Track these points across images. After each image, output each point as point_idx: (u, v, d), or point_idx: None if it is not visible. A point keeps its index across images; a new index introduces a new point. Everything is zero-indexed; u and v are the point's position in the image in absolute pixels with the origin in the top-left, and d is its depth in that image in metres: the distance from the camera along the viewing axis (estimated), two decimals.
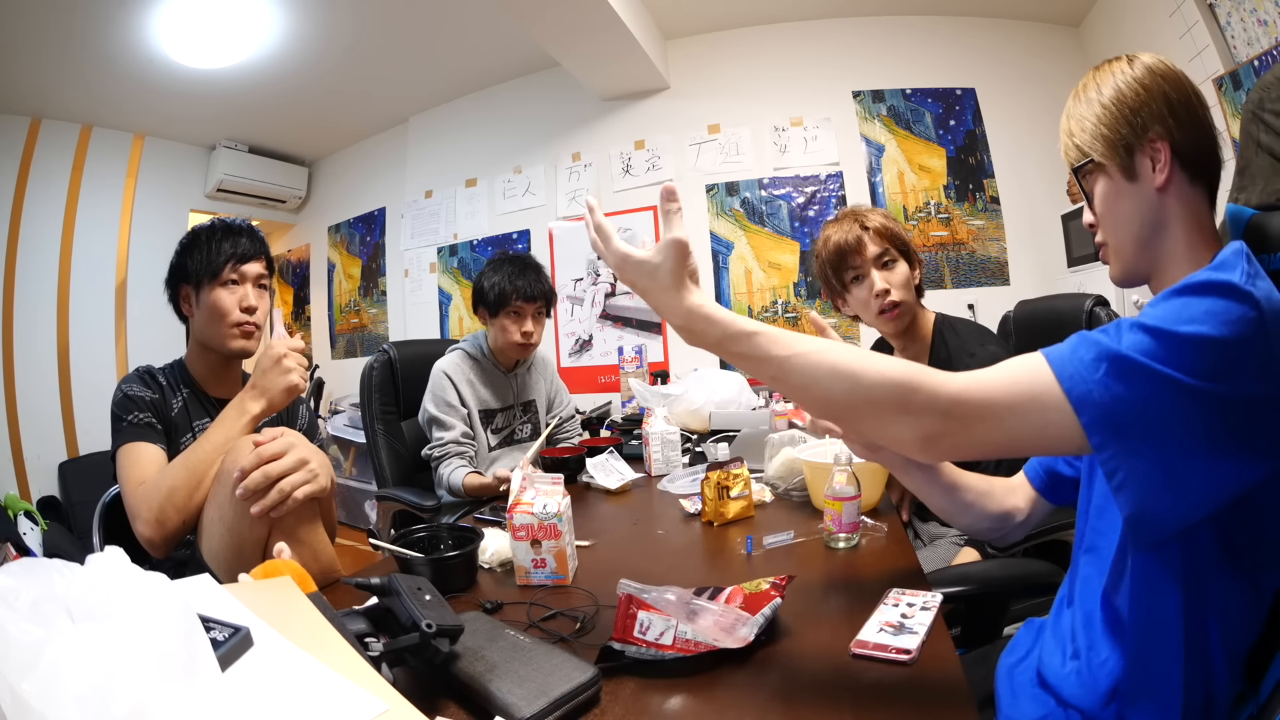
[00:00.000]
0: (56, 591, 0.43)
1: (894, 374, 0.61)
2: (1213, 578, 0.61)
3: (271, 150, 4.61)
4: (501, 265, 1.88)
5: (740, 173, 3.46)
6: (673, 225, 0.66)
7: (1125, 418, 0.54)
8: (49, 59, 3.12)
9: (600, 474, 1.59)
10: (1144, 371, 0.54)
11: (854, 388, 0.61)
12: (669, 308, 0.67)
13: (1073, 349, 0.58)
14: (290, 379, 1.11)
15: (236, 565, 0.92)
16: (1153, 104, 0.68)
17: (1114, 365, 0.55)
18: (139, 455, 1.13)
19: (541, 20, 2.84)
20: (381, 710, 0.47)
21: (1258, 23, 2.30)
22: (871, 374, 0.61)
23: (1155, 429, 0.54)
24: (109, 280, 3.95)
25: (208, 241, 1.22)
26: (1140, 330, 0.56)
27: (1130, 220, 0.71)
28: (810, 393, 0.64)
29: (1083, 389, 0.55)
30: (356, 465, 4.11)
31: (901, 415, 0.60)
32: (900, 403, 0.60)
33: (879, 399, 0.61)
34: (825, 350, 0.63)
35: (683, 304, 0.66)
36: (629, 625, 0.70)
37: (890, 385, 0.60)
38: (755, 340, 0.63)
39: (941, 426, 0.59)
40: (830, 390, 0.62)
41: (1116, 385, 0.54)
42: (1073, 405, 0.55)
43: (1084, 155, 0.72)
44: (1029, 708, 0.77)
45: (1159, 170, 0.68)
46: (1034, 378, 0.58)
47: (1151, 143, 0.68)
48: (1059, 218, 2.99)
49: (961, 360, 1.34)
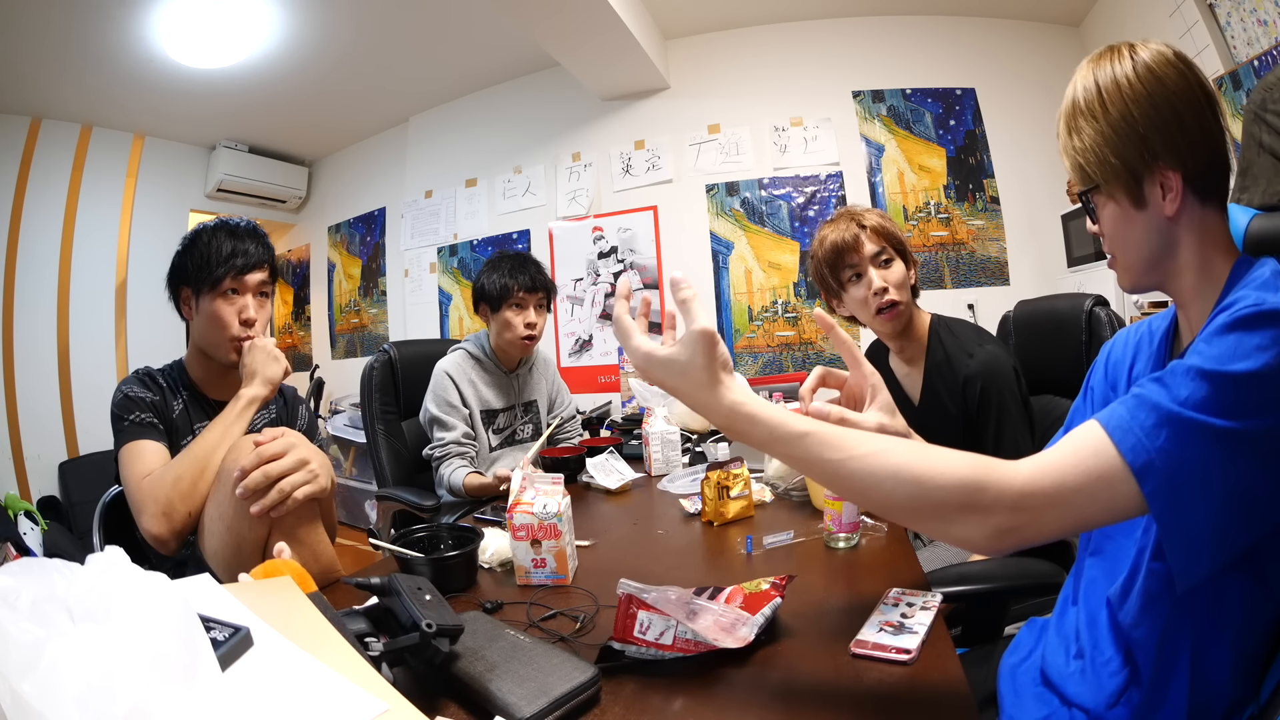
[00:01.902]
0: (56, 591, 0.43)
1: (960, 474, 0.58)
2: (1230, 591, 0.61)
3: (271, 150, 4.61)
4: (500, 263, 1.89)
5: (740, 173, 3.46)
6: (692, 314, 0.63)
7: (1185, 479, 0.53)
8: (49, 59, 3.12)
9: (600, 474, 1.59)
10: (1204, 430, 0.53)
11: (918, 492, 0.58)
12: (707, 407, 0.64)
13: (1131, 414, 0.56)
14: (282, 364, 1.19)
15: (236, 565, 0.92)
16: (1164, 130, 0.64)
17: (1174, 430, 0.54)
18: (142, 451, 1.13)
19: (541, 20, 2.84)
20: (381, 710, 0.47)
21: (1258, 23, 2.30)
22: (936, 476, 0.58)
23: (1213, 485, 0.53)
24: (109, 280, 3.95)
25: (209, 245, 1.19)
26: (1198, 378, 0.54)
27: (1140, 245, 0.69)
28: (869, 497, 0.61)
29: (1145, 459, 0.54)
30: (356, 465, 4.11)
31: (969, 516, 0.57)
32: (968, 504, 0.57)
33: (945, 501, 0.58)
34: (883, 452, 0.60)
35: (723, 404, 0.62)
36: (629, 625, 0.70)
37: (957, 487, 0.57)
38: (805, 442, 0.61)
39: (1011, 521, 0.57)
40: (892, 495, 0.59)
41: (1177, 450, 0.53)
42: (1135, 476, 0.54)
43: (1088, 179, 0.69)
44: (1032, 707, 0.76)
45: (1169, 200, 0.66)
46: (1098, 454, 0.56)
47: (1162, 171, 0.65)
48: (1059, 218, 2.99)
49: (961, 360, 1.34)
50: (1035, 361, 1.50)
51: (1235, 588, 0.61)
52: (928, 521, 0.60)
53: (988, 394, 1.30)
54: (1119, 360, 0.82)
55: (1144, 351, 0.78)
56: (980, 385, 1.31)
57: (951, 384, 1.35)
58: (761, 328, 3.42)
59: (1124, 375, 0.80)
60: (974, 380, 1.31)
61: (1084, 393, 0.88)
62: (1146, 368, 0.76)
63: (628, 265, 3.61)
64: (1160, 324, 0.78)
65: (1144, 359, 0.78)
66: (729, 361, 0.64)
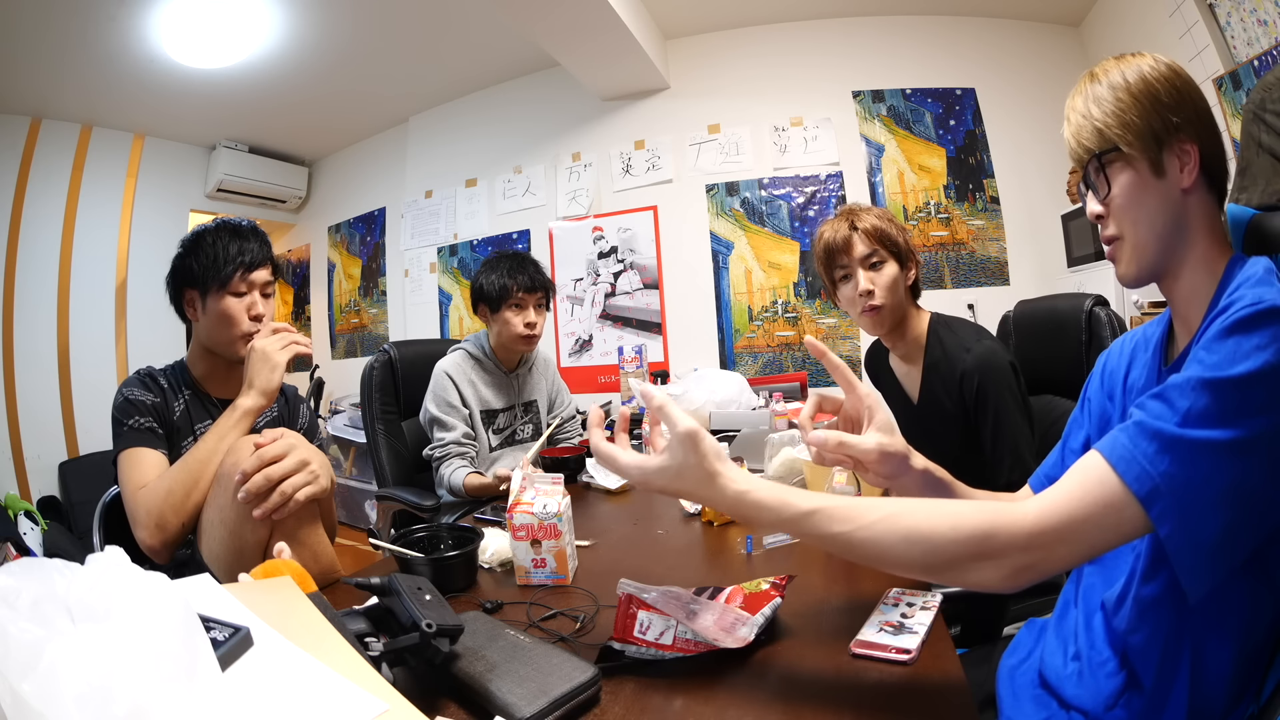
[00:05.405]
0: (56, 591, 0.43)
1: (969, 526, 0.59)
2: (1234, 588, 0.61)
3: (271, 150, 4.61)
4: (498, 263, 1.90)
5: (740, 173, 3.46)
6: (671, 419, 0.65)
7: (1191, 499, 0.54)
8: (49, 59, 3.12)
9: (600, 474, 1.59)
10: (1207, 446, 0.54)
11: (931, 551, 0.60)
12: (712, 501, 0.65)
13: (1133, 442, 0.57)
14: (280, 372, 1.15)
15: (237, 567, 0.92)
16: (1186, 106, 0.67)
17: (1177, 454, 0.54)
18: (139, 461, 1.13)
19: (541, 20, 2.84)
20: (381, 710, 0.47)
21: (1258, 23, 2.30)
22: (946, 532, 0.59)
23: (1219, 497, 0.54)
24: (109, 280, 3.95)
25: (214, 245, 1.20)
26: (1199, 389, 0.55)
27: (1156, 217, 0.68)
28: (884, 562, 0.62)
29: (1150, 486, 0.55)
30: (356, 465, 4.11)
31: (984, 563, 0.59)
32: (981, 552, 0.58)
33: (958, 555, 0.59)
34: (890, 517, 0.61)
35: (727, 496, 0.64)
36: (629, 625, 0.70)
37: (968, 539, 0.59)
38: (814, 520, 0.62)
39: (1025, 560, 0.58)
40: (906, 557, 0.61)
41: (1181, 472, 0.54)
42: (1141, 502, 0.55)
43: (1107, 141, 0.68)
44: (1031, 709, 0.76)
45: (1187, 171, 0.67)
46: (1103, 485, 0.57)
47: (1181, 143, 0.66)
48: (1059, 218, 2.99)
49: (958, 356, 1.34)
50: (1035, 361, 1.50)
51: (1240, 589, 0.61)
52: (944, 574, 0.62)
53: (984, 389, 1.30)
54: (1114, 369, 0.82)
55: (1140, 358, 0.78)
56: (977, 380, 1.30)
57: (949, 380, 1.35)
58: (761, 328, 3.42)
59: (1120, 383, 0.80)
60: (970, 375, 1.31)
61: (1081, 403, 0.88)
62: (1143, 374, 0.76)
63: (628, 265, 3.62)
64: (1155, 330, 0.78)
65: (1140, 365, 0.78)
66: (721, 451, 0.65)
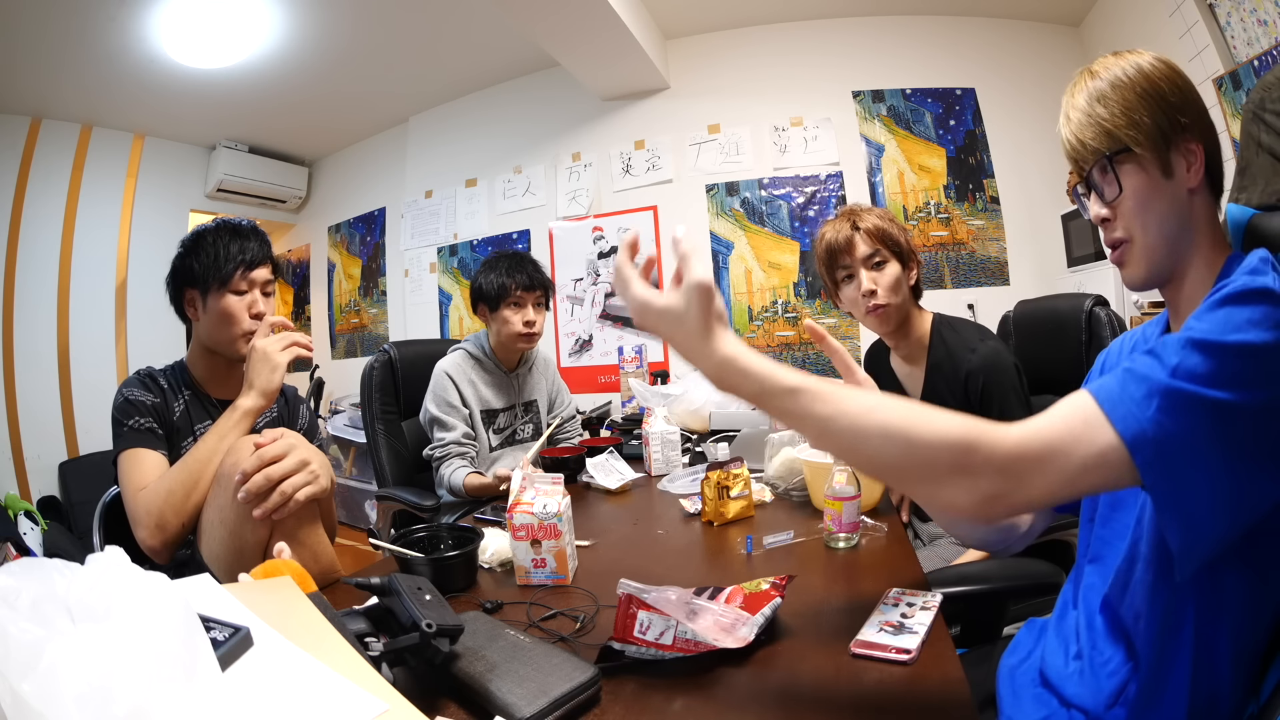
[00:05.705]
0: (56, 591, 0.43)
1: (950, 433, 0.56)
2: (1228, 582, 0.61)
3: (271, 150, 4.61)
4: (497, 262, 1.90)
5: (740, 173, 3.45)
6: (692, 268, 0.62)
7: (1178, 451, 0.53)
8: (49, 59, 3.12)
9: (600, 474, 1.59)
10: (1196, 401, 0.53)
11: (907, 450, 0.57)
12: (700, 356, 0.63)
13: (1121, 386, 0.56)
14: (280, 373, 1.15)
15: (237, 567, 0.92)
16: (1187, 106, 0.67)
17: (1166, 400, 0.53)
18: (139, 461, 1.13)
19: (541, 20, 2.84)
20: (381, 710, 0.47)
21: (1258, 23, 2.30)
22: (926, 434, 0.57)
23: (1207, 457, 0.53)
24: (109, 280, 3.94)
25: (214, 244, 1.21)
26: (1190, 348, 0.54)
27: (1166, 219, 0.68)
28: (858, 454, 0.60)
29: (1136, 428, 0.53)
30: (356, 465, 4.10)
31: (958, 478, 0.56)
32: (957, 464, 0.56)
33: (934, 461, 0.56)
34: (874, 409, 0.58)
35: (716, 354, 0.62)
36: (629, 625, 0.70)
37: (946, 446, 0.56)
38: (797, 397, 0.59)
39: (1000, 486, 0.56)
40: (880, 452, 0.58)
41: (1169, 421, 0.53)
42: (1127, 446, 0.53)
43: (1117, 142, 0.67)
44: (1031, 708, 0.76)
45: (1193, 172, 0.67)
46: (1088, 423, 0.55)
47: (1187, 143, 0.67)
48: (1059, 218, 2.99)
49: (963, 356, 1.34)
50: (1035, 361, 1.50)
51: (1235, 583, 0.61)
52: (915, 483, 0.60)
53: (989, 389, 1.30)
54: (1114, 365, 0.82)
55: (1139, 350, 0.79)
56: (982, 380, 1.30)
57: (953, 380, 1.35)
58: (762, 328, 3.42)
59: None
60: (975, 375, 1.31)
61: None
62: None
63: None
64: (1154, 330, 0.78)
65: None
66: (724, 315, 0.63)
